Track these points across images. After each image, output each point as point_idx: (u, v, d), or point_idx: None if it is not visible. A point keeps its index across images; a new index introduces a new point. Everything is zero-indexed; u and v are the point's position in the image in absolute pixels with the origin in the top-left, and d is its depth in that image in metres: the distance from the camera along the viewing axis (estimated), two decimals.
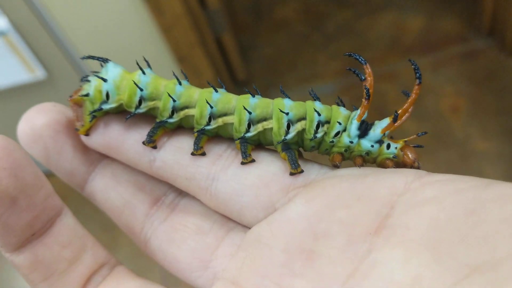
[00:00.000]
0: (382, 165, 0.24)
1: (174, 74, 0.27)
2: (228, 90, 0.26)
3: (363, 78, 0.24)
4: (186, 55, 1.12)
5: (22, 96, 1.15)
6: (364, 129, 0.24)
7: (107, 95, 0.25)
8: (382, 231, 0.20)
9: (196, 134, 0.25)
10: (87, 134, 0.26)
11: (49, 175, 0.26)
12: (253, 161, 0.24)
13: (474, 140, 1.16)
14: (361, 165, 0.24)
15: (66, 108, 0.26)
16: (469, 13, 1.40)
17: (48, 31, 1.06)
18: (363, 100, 0.23)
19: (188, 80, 0.26)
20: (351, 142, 0.24)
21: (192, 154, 0.25)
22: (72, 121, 0.26)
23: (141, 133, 0.25)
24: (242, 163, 0.24)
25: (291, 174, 0.23)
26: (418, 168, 0.23)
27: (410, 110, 0.23)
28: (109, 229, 1.14)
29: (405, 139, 0.24)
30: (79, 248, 0.25)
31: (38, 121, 0.25)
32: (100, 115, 0.26)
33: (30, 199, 0.22)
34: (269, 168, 0.24)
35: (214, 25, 1.23)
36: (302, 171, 0.24)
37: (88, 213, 1.42)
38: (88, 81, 0.25)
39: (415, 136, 0.24)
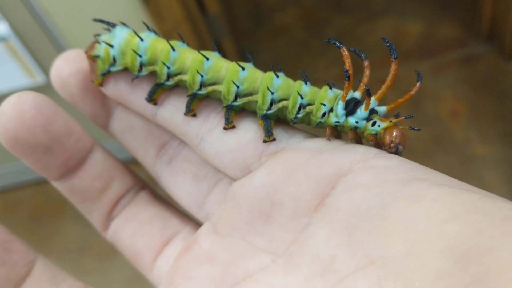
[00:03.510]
0: (367, 139, 0.26)
1: (179, 34, 0.29)
2: None
3: (363, 56, 0.26)
4: None
5: None
6: (352, 107, 0.25)
7: (114, 59, 0.27)
8: (320, 209, 0.23)
9: (188, 97, 0.27)
10: (100, 85, 0.28)
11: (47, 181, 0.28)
12: (233, 127, 0.27)
13: (473, 144, 1.17)
14: (353, 138, 0.26)
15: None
16: (468, 18, 1.40)
17: (49, 37, 1.06)
18: (345, 81, 0.25)
19: (184, 41, 0.28)
20: (338, 122, 0.25)
21: (184, 114, 0.27)
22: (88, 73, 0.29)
23: (145, 89, 0.28)
24: (224, 129, 0.27)
25: (264, 141, 0.26)
26: (395, 152, 0.24)
27: (389, 83, 0.25)
28: None
29: (393, 120, 0.25)
30: (108, 179, 0.29)
31: (64, 71, 0.28)
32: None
33: (62, 146, 0.27)
34: (245, 135, 0.27)
35: (214, 31, 1.23)
36: (274, 139, 0.26)
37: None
38: (99, 42, 0.28)
39: (402, 118, 0.25)
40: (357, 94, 0.26)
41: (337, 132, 0.26)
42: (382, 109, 0.26)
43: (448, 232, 0.18)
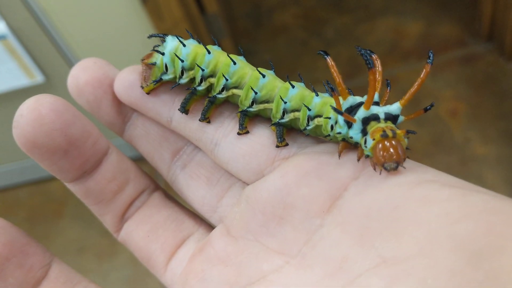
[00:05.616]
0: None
1: (213, 39, 0.30)
2: None
3: (369, 62, 0.23)
4: None
5: (20, 100, 1.15)
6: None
7: (166, 67, 0.28)
8: (332, 210, 0.24)
9: (206, 102, 0.28)
10: (148, 93, 0.29)
11: (52, 178, 0.28)
12: (247, 132, 0.28)
13: (473, 144, 1.16)
14: (359, 159, 0.24)
15: (105, 63, 0.30)
16: (468, 17, 1.40)
17: (47, 36, 1.06)
18: (332, 93, 0.25)
19: (218, 45, 0.29)
20: (339, 133, 0.25)
21: (200, 120, 0.28)
22: (138, 78, 0.29)
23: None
24: (238, 134, 0.27)
25: (277, 146, 0.27)
26: (386, 170, 0.22)
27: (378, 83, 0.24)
28: (107, 235, 1.13)
29: (376, 137, 0.23)
30: (122, 182, 0.29)
31: (81, 79, 0.29)
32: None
33: (79, 149, 0.27)
34: (259, 140, 0.27)
35: (213, 30, 1.23)
36: (286, 144, 0.27)
37: (87, 219, 1.41)
38: (157, 52, 0.29)
39: (380, 132, 0.23)
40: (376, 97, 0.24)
41: (352, 146, 0.25)
42: (394, 107, 0.24)
43: (459, 231, 0.19)
